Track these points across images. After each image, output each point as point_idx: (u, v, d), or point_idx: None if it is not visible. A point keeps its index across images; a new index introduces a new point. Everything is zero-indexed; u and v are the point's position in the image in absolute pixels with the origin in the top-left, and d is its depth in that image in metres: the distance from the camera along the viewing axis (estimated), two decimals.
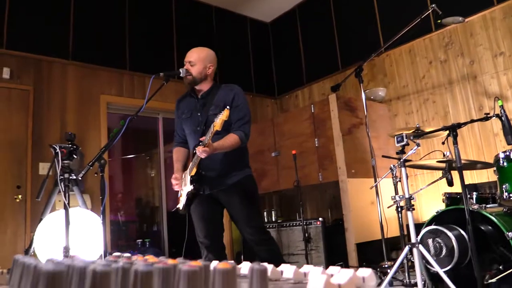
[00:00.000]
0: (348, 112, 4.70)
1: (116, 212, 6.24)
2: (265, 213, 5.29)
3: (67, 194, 2.89)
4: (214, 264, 0.28)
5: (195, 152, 2.51)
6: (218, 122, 2.26)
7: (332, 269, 0.35)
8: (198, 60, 2.71)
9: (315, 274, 0.33)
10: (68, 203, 2.84)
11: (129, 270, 0.26)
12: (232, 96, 2.66)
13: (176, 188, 2.74)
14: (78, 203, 3.15)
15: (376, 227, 3.69)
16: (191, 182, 2.57)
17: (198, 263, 0.27)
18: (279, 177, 5.15)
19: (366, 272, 0.33)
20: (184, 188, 2.67)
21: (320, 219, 4.38)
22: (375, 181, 3.57)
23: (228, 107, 2.34)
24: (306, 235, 4.34)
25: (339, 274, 0.32)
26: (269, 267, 0.42)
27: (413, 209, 2.62)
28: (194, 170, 2.57)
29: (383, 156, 3.58)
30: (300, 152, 4.75)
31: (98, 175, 2.69)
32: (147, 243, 5.32)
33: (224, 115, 2.25)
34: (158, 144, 5.62)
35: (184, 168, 2.79)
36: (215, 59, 2.80)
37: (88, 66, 4.95)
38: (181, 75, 2.70)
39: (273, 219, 5.27)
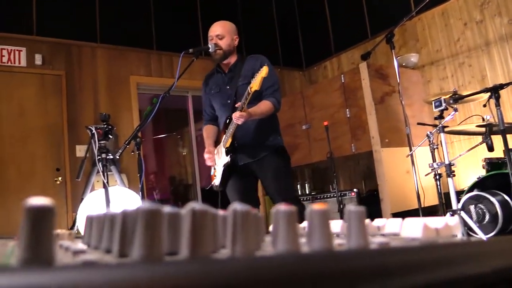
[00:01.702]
0: (379, 80, 4.58)
1: (151, 191, 6.39)
2: (298, 186, 5.28)
3: (105, 174, 2.97)
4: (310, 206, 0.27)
5: (229, 123, 2.51)
6: (256, 82, 2.25)
7: (410, 219, 0.33)
8: (225, 32, 2.68)
9: (409, 220, 0.32)
10: (107, 182, 2.92)
11: (219, 214, 0.25)
12: (259, 64, 2.62)
13: (209, 163, 2.74)
14: (115, 182, 3.22)
15: (412, 196, 3.62)
16: (227, 153, 2.58)
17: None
18: (310, 150, 5.11)
19: (453, 221, 0.32)
20: (219, 162, 2.68)
21: (355, 190, 4.34)
22: (410, 149, 3.48)
23: (266, 63, 2.32)
24: (341, 206, 4.33)
25: (433, 219, 0.31)
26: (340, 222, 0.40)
27: (454, 175, 2.56)
28: (229, 141, 2.57)
29: (419, 124, 3.48)
30: (332, 123, 4.68)
31: (134, 154, 2.73)
32: None
33: (263, 72, 2.23)
34: (188, 122, 5.66)
35: (215, 144, 2.80)
36: (237, 30, 2.79)
37: (116, 48, 4.99)
38: (210, 50, 2.67)
39: (307, 192, 5.27)
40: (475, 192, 2.63)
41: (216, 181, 2.74)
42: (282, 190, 2.60)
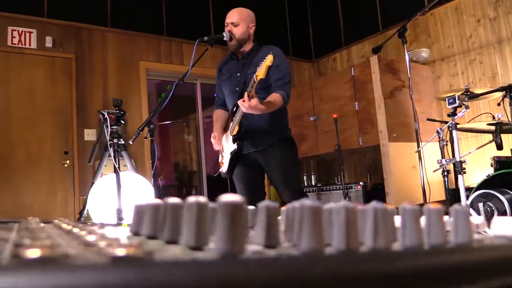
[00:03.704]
0: (390, 75, 4.58)
1: (156, 177, 6.41)
2: (304, 177, 5.31)
3: (117, 159, 2.99)
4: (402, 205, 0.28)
5: (236, 111, 2.50)
6: (261, 70, 2.17)
7: (500, 218, 0.35)
8: (241, 20, 2.65)
9: (500, 219, 0.33)
10: (119, 167, 2.94)
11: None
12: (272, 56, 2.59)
13: (216, 147, 2.74)
14: (125, 168, 3.24)
15: (418, 192, 3.65)
16: (234, 141, 2.58)
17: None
18: (318, 142, 5.13)
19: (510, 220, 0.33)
20: (226, 149, 2.69)
21: (361, 183, 4.37)
22: (418, 145, 3.49)
23: (271, 52, 2.27)
24: (347, 199, 4.35)
25: None
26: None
27: (464, 172, 2.57)
28: (236, 128, 2.56)
29: (428, 119, 3.50)
30: (340, 116, 4.68)
31: (147, 140, 2.75)
32: None
33: (268, 60, 2.15)
34: (196, 109, 5.67)
35: (224, 129, 2.79)
36: (254, 18, 2.74)
37: (127, 33, 4.98)
38: (224, 38, 2.66)
39: (313, 183, 5.30)
40: (483, 190, 2.65)
41: (224, 168, 2.74)
42: (287, 181, 2.59)
